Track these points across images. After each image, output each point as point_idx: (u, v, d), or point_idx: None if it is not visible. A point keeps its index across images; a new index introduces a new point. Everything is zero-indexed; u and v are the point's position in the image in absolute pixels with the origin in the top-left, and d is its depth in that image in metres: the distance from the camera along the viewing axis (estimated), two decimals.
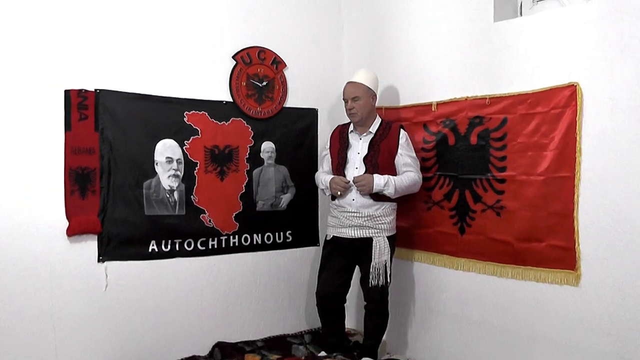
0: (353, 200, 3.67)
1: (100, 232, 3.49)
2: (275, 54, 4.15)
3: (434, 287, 3.84)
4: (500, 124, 3.38)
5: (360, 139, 3.77)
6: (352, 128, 3.82)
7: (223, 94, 3.95)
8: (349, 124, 3.85)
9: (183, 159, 3.78)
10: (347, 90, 3.75)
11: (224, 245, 3.98)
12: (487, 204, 3.46)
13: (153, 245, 3.69)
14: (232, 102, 3.98)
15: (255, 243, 4.13)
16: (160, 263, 3.72)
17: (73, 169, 3.39)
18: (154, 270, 3.70)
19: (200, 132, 3.84)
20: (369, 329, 3.83)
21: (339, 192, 3.68)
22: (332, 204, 3.84)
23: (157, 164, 3.69)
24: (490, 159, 3.43)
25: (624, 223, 2.82)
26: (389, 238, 3.69)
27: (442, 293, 3.79)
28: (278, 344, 4.08)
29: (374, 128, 3.76)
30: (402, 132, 3.73)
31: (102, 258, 3.50)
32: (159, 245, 3.71)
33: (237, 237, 4.04)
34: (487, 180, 3.46)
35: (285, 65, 4.20)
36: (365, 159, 3.70)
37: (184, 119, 3.79)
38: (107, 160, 3.50)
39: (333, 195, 3.78)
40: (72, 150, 3.39)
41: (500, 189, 3.39)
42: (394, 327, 4.08)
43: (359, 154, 3.74)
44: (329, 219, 3.86)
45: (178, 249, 3.78)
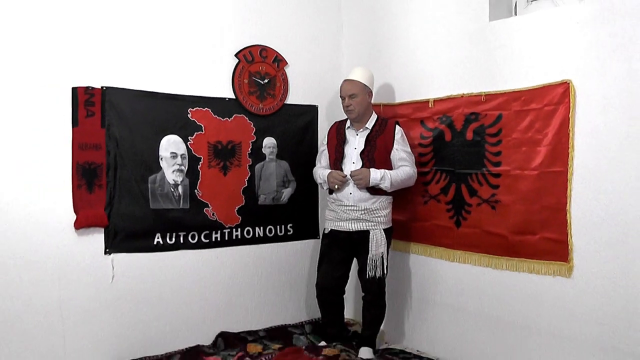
0: (350, 194, 3.69)
1: (107, 225, 3.50)
2: (277, 52, 4.15)
3: (431, 278, 3.86)
4: (495, 120, 3.39)
5: (357, 135, 3.78)
6: (349, 124, 3.83)
7: (226, 91, 3.96)
8: (346, 120, 3.86)
9: (187, 154, 3.79)
10: (344, 88, 3.76)
11: (227, 238, 3.99)
12: (482, 198, 3.48)
13: (158, 238, 3.70)
14: (234, 99, 3.98)
15: (257, 236, 4.14)
16: (165, 255, 3.73)
17: (80, 164, 3.40)
18: (159, 262, 3.71)
19: (204, 128, 3.85)
20: (367, 319, 3.84)
21: (337, 186, 3.69)
22: (329, 198, 3.86)
23: (161, 159, 3.70)
24: (486, 154, 3.45)
25: (615, 216, 2.84)
26: (386, 231, 3.71)
27: (438, 284, 3.81)
28: (279, 334, 4.08)
29: (370, 124, 3.77)
30: (397, 128, 3.75)
31: (108, 250, 3.51)
32: (164, 238, 3.73)
33: (239, 230, 4.05)
34: (482, 175, 3.48)
35: (286, 63, 4.21)
36: (362, 154, 3.71)
37: (188, 116, 3.79)
38: (113, 156, 3.51)
39: (331, 190, 3.79)
40: (79, 146, 3.39)
41: (495, 184, 3.40)
42: (392, 317, 4.10)
43: (356, 149, 3.75)
44: (327, 213, 3.88)
45: (182, 242, 3.80)
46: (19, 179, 3.21)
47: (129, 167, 3.57)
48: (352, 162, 3.73)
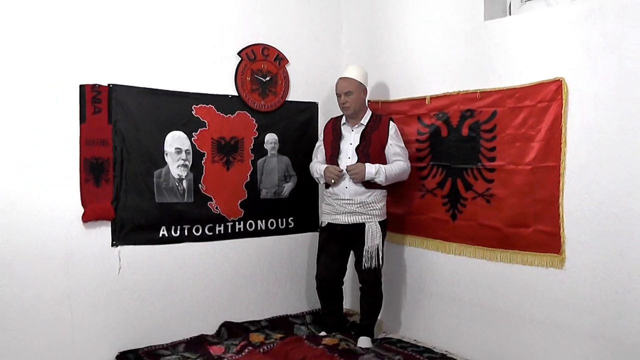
0: (346, 188, 3.70)
1: (114, 218, 3.51)
2: (278, 51, 4.16)
3: (427, 270, 3.87)
4: (490, 117, 3.40)
5: (352, 131, 3.79)
6: (344, 120, 3.84)
7: (229, 89, 3.96)
8: (341, 117, 3.87)
9: (191, 150, 3.80)
10: (339, 85, 3.76)
11: (230, 231, 4.00)
12: (477, 192, 3.49)
13: (163, 231, 3.71)
14: (237, 96, 3.99)
15: (259, 229, 4.15)
16: (170, 247, 3.74)
17: (88, 159, 3.41)
18: (164, 254, 3.72)
19: (208, 124, 3.86)
20: (365, 309, 3.86)
21: (333, 180, 3.70)
22: (326, 192, 3.87)
23: (166, 154, 3.71)
24: (481, 150, 3.46)
25: (606, 209, 2.86)
26: (381, 223, 3.73)
27: (434, 275, 3.82)
28: (281, 324, 4.10)
29: (365, 120, 3.78)
30: (391, 123, 3.76)
31: (115, 243, 3.53)
32: (169, 231, 3.74)
33: (242, 223, 4.06)
34: (477, 170, 3.49)
35: (288, 62, 4.22)
36: (358, 149, 3.72)
37: (192, 112, 3.80)
38: (119, 151, 3.52)
39: (327, 184, 3.80)
40: (86, 142, 3.40)
41: (490, 178, 3.41)
42: (389, 307, 4.12)
43: (352, 145, 3.75)
44: (323, 207, 3.89)
45: (187, 234, 3.81)
46: (29, 174, 3.22)
47: (135, 162, 3.58)
48: (347, 157, 3.74)
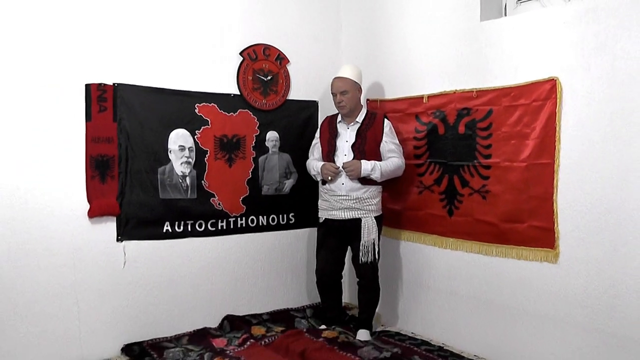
0: (342, 185, 3.71)
1: (119, 214, 3.52)
2: (279, 51, 4.16)
3: (425, 264, 3.88)
4: (486, 115, 3.40)
5: (348, 129, 3.80)
6: (340, 119, 3.84)
7: (231, 88, 3.97)
8: (337, 115, 3.87)
9: (194, 147, 3.81)
10: (335, 85, 3.76)
11: (232, 227, 4.01)
12: (473, 188, 3.50)
13: (167, 226, 3.73)
14: (239, 95, 4.00)
15: (261, 224, 4.16)
16: (174, 242, 3.76)
17: (93, 157, 3.42)
18: (168, 249, 3.73)
19: (210, 122, 3.87)
20: (363, 303, 3.87)
21: (330, 177, 3.71)
22: (322, 189, 3.86)
23: (170, 152, 3.72)
24: (477, 147, 3.46)
25: (599, 205, 2.86)
26: (376, 218, 3.73)
27: (431, 270, 3.83)
28: (282, 317, 4.11)
29: (361, 118, 3.78)
30: (386, 121, 3.76)
31: (120, 238, 3.54)
32: (173, 226, 3.75)
33: (244, 218, 4.07)
34: (473, 167, 3.49)
35: (288, 61, 4.22)
36: (353, 147, 3.73)
37: (195, 111, 3.81)
38: (124, 148, 3.53)
39: (324, 180, 3.81)
40: (92, 139, 3.41)
41: (486, 175, 3.42)
42: (387, 301, 4.13)
43: (347, 142, 3.76)
44: (320, 203, 3.89)
45: (190, 230, 3.82)
46: (37, 171, 3.23)
47: (140, 159, 3.59)
48: (344, 154, 3.75)
